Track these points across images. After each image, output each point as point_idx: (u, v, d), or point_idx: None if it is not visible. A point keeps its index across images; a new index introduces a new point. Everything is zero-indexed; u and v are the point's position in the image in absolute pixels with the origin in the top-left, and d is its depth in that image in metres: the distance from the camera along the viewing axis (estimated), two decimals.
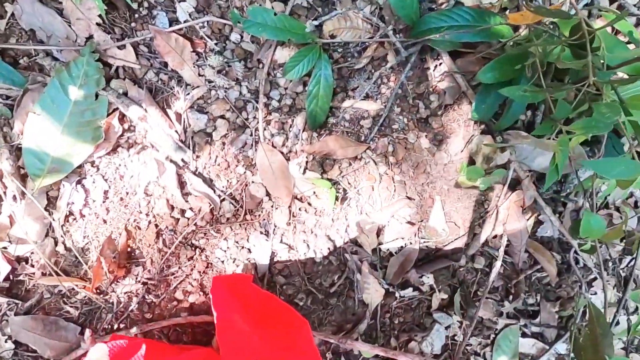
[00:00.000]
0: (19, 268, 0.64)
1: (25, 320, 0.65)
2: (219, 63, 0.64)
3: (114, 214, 0.66)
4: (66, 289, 0.67)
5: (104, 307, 0.68)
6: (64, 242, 0.65)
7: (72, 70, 0.59)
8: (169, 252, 0.67)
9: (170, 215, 0.67)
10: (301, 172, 0.69)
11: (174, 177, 0.66)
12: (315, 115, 0.67)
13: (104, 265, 0.62)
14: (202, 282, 0.70)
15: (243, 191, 0.68)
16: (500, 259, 0.73)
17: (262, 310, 0.65)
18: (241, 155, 0.68)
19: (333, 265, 0.73)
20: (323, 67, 0.62)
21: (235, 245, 0.69)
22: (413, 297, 0.78)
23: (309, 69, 0.62)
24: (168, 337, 0.70)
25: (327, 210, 0.71)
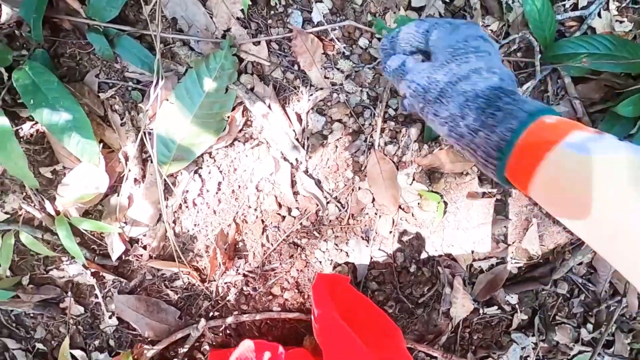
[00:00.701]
0: (131, 249, 0.66)
1: (129, 299, 0.67)
2: (348, 67, 0.64)
3: (224, 205, 0.67)
4: (169, 273, 0.68)
5: (203, 294, 0.69)
6: (174, 228, 0.66)
7: (210, 63, 0.59)
8: (272, 248, 0.68)
9: (277, 213, 0.68)
10: (409, 183, 0.69)
11: (287, 175, 0.66)
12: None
13: (219, 257, 0.63)
14: (298, 280, 0.71)
15: (349, 195, 0.69)
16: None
17: (357, 312, 0.66)
18: (352, 160, 0.68)
19: (425, 277, 0.73)
20: None
21: (335, 247, 0.70)
22: (495, 315, 0.78)
23: None
24: (260, 330, 0.71)
25: (426, 222, 0.71)
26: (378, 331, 0.64)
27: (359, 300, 0.68)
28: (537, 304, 0.80)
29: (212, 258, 0.63)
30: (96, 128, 0.62)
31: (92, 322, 0.68)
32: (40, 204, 0.62)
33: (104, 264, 0.66)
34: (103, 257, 0.66)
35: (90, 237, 0.65)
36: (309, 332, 0.73)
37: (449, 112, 0.35)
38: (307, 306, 0.72)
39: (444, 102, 0.36)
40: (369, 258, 0.70)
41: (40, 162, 0.62)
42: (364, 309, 0.67)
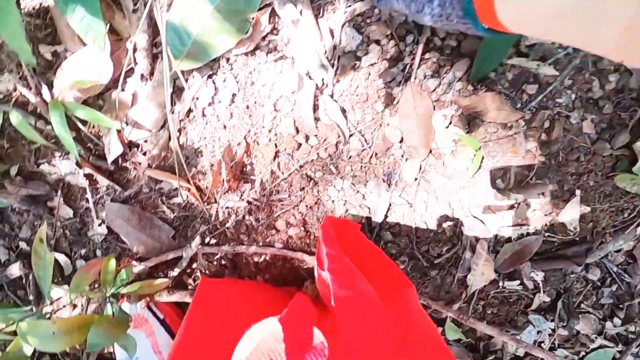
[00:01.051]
0: (129, 154, 0.60)
1: (121, 208, 0.61)
2: None
3: (236, 121, 0.60)
4: (167, 188, 0.62)
5: (201, 216, 0.63)
6: (179, 138, 0.60)
7: None
8: (282, 177, 0.62)
9: (293, 138, 0.61)
10: (445, 125, 0.61)
11: (311, 96, 0.59)
12: (483, 65, 0.58)
13: (224, 172, 0.56)
14: (305, 218, 0.64)
15: (376, 131, 0.61)
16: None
17: (367, 262, 0.59)
18: (385, 90, 0.60)
19: (445, 236, 0.66)
20: None
21: (351, 187, 0.63)
22: (515, 291, 0.71)
23: None
24: (257, 265, 0.66)
25: (457, 174, 0.63)
26: (389, 284, 0.57)
27: (370, 249, 0.61)
28: (563, 287, 0.72)
29: (217, 172, 0.57)
30: (105, 9, 0.55)
31: (81, 228, 0.64)
32: (36, 87, 0.56)
33: (99, 165, 0.60)
34: (98, 158, 0.60)
35: (87, 135, 0.59)
36: (311, 277, 0.67)
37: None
38: (311, 248, 0.65)
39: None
40: (388, 205, 0.63)
41: (40, 40, 0.56)
42: (374, 260, 0.60)
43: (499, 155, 0.64)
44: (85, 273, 0.48)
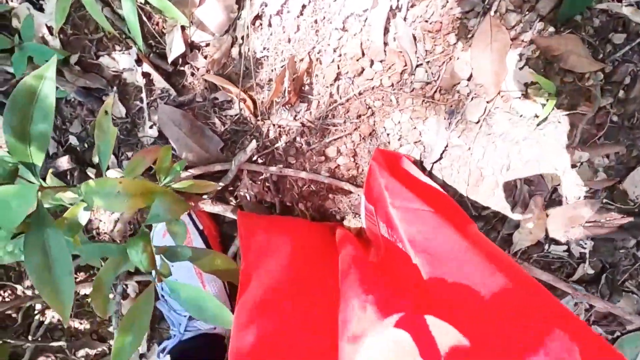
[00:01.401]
0: (190, 55, 0.58)
1: (175, 112, 0.60)
2: None
3: (302, 35, 0.58)
4: (222, 98, 0.61)
5: (251, 132, 0.62)
6: (241, 46, 0.59)
7: None
8: (340, 101, 0.60)
9: (357, 61, 0.58)
10: (519, 66, 0.58)
11: (384, 16, 0.56)
12: (572, 5, 0.54)
13: (287, 81, 0.55)
14: (356, 148, 0.62)
15: (444, 65, 0.58)
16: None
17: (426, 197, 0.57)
18: (460, 22, 0.57)
19: (499, 188, 0.63)
20: None
21: (409, 122, 0.61)
22: (559, 257, 0.68)
23: None
24: (300, 192, 0.64)
25: (523, 122, 0.60)
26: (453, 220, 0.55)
27: (426, 184, 0.59)
28: (610, 261, 0.69)
29: (279, 80, 0.55)
30: None
31: (131, 129, 0.63)
32: None
33: (158, 64, 0.59)
34: (158, 57, 0.59)
35: (150, 30, 0.58)
36: (353, 212, 0.66)
37: None
38: (358, 180, 0.64)
39: None
40: (445, 145, 0.61)
41: None
42: (431, 195, 0.58)
43: (569, 108, 0.61)
44: (142, 158, 0.48)
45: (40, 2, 0.57)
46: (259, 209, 0.65)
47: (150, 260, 0.38)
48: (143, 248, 0.37)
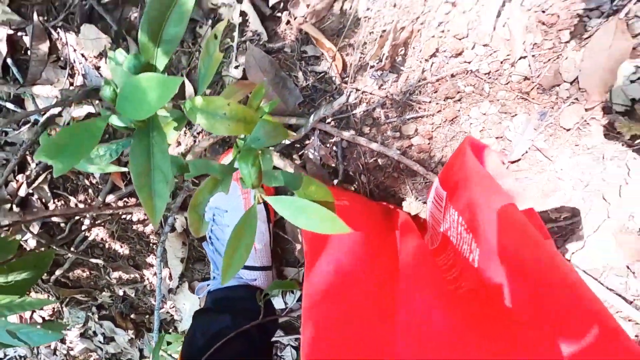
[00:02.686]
0: (292, 2, 0.57)
1: (264, 57, 0.60)
2: None
3: (409, 2, 0.56)
4: (311, 53, 0.60)
5: (331, 93, 0.61)
6: (345, 1, 0.57)
7: None
8: (430, 79, 0.58)
9: (459, 40, 0.56)
10: (630, 79, 0.54)
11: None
12: None
13: (388, 45, 0.53)
14: (435, 132, 0.60)
15: (550, 62, 0.55)
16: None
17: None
18: (580, 19, 0.53)
19: (571, 204, 0.61)
20: None
21: (497, 115, 0.58)
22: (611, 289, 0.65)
23: None
24: (366, 164, 0.63)
25: (615, 140, 0.57)
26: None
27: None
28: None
29: (382, 41, 0.54)
30: None
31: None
32: None
33: (257, 4, 0.58)
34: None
35: None
36: (416, 195, 0.64)
37: None
38: (428, 164, 0.62)
39: None
40: (528, 145, 0.58)
41: None
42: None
43: None
44: (237, 90, 0.48)
45: None
46: (321, 173, 0.65)
47: (259, 174, 0.38)
48: (253, 161, 0.38)
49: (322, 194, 0.42)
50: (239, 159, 0.36)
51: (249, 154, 0.36)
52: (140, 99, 0.29)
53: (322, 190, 0.41)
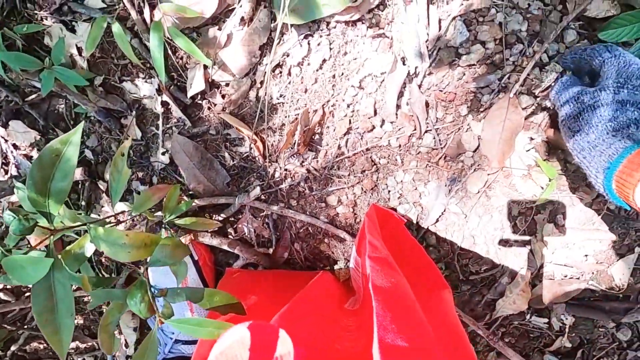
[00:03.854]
0: (209, 93, 0.60)
1: (187, 143, 0.63)
2: None
3: (319, 87, 0.59)
4: (234, 135, 0.63)
5: (258, 171, 0.64)
6: (259, 90, 0.60)
7: None
8: (347, 154, 0.62)
9: (369, 119, 0.60)
10: (526, 148, 0.59)
11: (400, 81, 0.57)
12: None
13: (298, 134, 0.57)
14: (357, 200, 0.64)
15: (453, 134, 0.60)
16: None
17: (406, 257, 0.59)
18: (474, 95, 0.58)
19: (489, 256, 0.65)
20: None
21: (411, 182, 0.62)
22: (539, 327, 0.70)
23: (634, 37, 0.49)
24: (298, 233, 0.66)
25: (521, 199, 0.61)
26: (426, 283, 0.57)
27: (411, 245, 0.61)
28: (588, 338, 0.71)
29: (290, 133, 0.57)
30: None
31: (144, 152, 0.65)
32: (139, 5, 0.57)
33: (177, 97, 0.61)
34: (178, 90, 0.61)
35: (174, 63, 0.60)
36: (346, 259, 0.68)
37: (581, 128, 0.46)
38: (354, 230, 0.66)
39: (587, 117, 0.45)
40: (442, 210, 0.62)
41: None
42: (414, 256, 0.60)
43: (567, 192, 0.62)
44: (152, 195, 0.50)
45: (72, 23, 0.59)
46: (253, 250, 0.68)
47: (148, 308, 0.41)
48: (141, 298, 0.40)
49: (226, 299, 0.45)
50: (128, 296, 0.38)
51: (136, 292, 0.38)
52: (22, 271, 0.31)
53: (226, 297, 0.44)
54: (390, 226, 0.61)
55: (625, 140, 0.41)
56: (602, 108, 0.44)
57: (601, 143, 0.43)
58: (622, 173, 0.40)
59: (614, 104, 0.43)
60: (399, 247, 0.61)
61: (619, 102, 0.43)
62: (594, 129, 0.44)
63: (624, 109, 0.43)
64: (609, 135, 0.42)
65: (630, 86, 0.44)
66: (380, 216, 0.60)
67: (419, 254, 0.60)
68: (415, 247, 0.61)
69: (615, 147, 0.41)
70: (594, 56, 0.49)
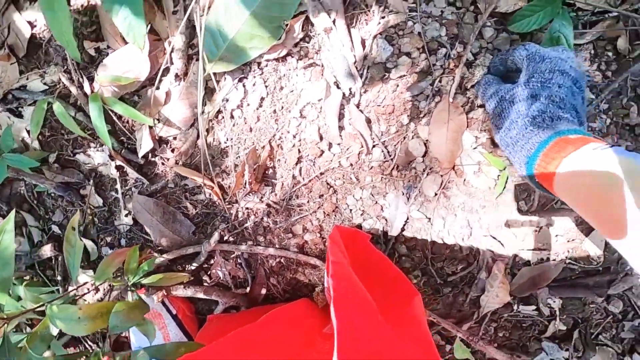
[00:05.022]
0: (159, 149, 0.62)
1: (147, 201, 0.64)
2: None
3: (262, 124, 0.61)
4: (192, 185, 0.64)
5: (221, 215, 0.65)
6: (207, 137, 0.62)
7: None
8: (303, 182, 0.63)
9: (316, 145, 0.62)
10: (472, 146, 0.60)
11: (336, 104, 0.59)
12: None
13: (247, 174, 0.58)
14: (322, 225, 0.65)
15: (399, 144, 0.61)
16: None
17: (373, 271, 0.60)
18: (411, 103, 0.60)
19: (461, 254, 0.65)
20: (562, 27, 0.51)
21: (370, 197, 0.63)
22: (529, 316, 0.69)
23: (541, 25, 0.51)
24: (271, 268, 0.67)
25: (479, 193, 0.62)
26: (394, 294, 0.57)
27: (378, 258, 0.61)
28: (581, 317, 0.70)
29: (239, 174, 0.58)
30: (147, 10, 0.57)
31: (109, 217, 0.67)
32: (79, 81, 0.59)
33: (130, 159, 0.63)
34: (130, 152, 0.63)
35: (121, 128, 0.62)
36: (322, 283, 0.68)
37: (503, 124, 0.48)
38: (324, 256, 0.66)
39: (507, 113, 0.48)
40: (405, 218, 0.63)
41: (86, 36, 0.59)
42: (382, 269, 0.61)
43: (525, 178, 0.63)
44: (111, 261, 0.51)
45: (19, 109, 0.62)
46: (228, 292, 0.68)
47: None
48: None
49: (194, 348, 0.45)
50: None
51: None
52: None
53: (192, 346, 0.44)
54: (357, 244, 0.62)
55: (540, 134, 0.42)
56: (519, 104, 0.46)
57: (521, 138, 0.44)
58: (540, 167, 0.41)
59: (529, 98, 0.45)
60: (368, 262, 0.61)
61: (533, 96, 0.45)
62: (515, 124, 0.46)
63: (538, 102, 0.44)
64: (527, 130, 0.44)
65: (543, 79, 0.45)
66: (345, 236, 0.61)
67: (386, 266, 0.61)
68: (383, 261, 0.61)
69: (532, 141, 0.43)
70: (515, 56, 0.51)
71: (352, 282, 0.49)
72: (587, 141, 0.39)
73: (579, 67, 0.48)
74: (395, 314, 0.53)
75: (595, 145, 0.37)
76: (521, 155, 0.44)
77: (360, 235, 0.62)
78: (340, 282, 0.48)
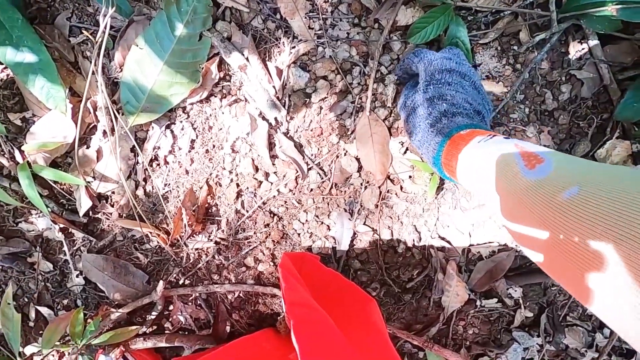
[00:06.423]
0: (99, 206, 0.63)
1: (96, 258, 0.64)
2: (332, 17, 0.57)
3: (197, 165, 0.62)
4: (139, 235, 0.65)
5: (173, 259, 0.65)
6: (145, 187, 0.63)
7: (181, 5, 0.54)
8: (247, 215, 0.64)
9: (253, 177, 0.63)
10: (401, 152, 0.62)
11: (264, 135, 0.61)
12: None
13: (185, 217, 0.59)
14: (274, 253, 0.65)
15: (333, 163, 0.63)
16: None
17: (327, 289, 0.60)
18: (337, 123, 0.62)
19: (415, 259, 0.66)
20: (457, 32, 0.54)
21: (315, 219, 0.64)
22: (494, 309, 0.70)
23: (437, 34, 0.54)
24: (232, 304, 0.67)
25: (418, 198, 0.64)
26: (350, 305, 0.58)
27: (329, 276, 0.62)
28: (545, 301, 0.71)
29: (177, 218, 0.59)
30: (66, 75, 0.59)
31: (61, 280, 0.66)
32: (9, 152, 0.60)
33: (72, 219, 0.63)
34: (71, 213, 0.63)
35: (60, 191, 0.62)
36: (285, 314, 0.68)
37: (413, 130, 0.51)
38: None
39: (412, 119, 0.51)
40: (352, 233, 0.64)
41: (9, 108, 0.60)
42: (334, 285, 0.61)
43: None
44: (55, 327, 0.51)
45: None
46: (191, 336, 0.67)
47: None
48: None
49: None
50: None
51: None
52: None
53: None
54: (308, 267, 0.62)
55: (438, 135, 0.44)
56: (419, 108, 0.48)
57: (426, 140, 0.46)
58: (444, 164, 0.43)
59: (426, 102, 0.47)
60: (320, 281, 0.61)
61: (429, 99, 0.47)
62: (419, 128, 0.48)
63: (434, 104, 0.47)
64: (429, 132, 0.46)
65: (435, 81, 0.48)
66: (295, 261, 0.61)
67: (337, 280, 0.61)
68: (335, 277, 0.62)
69: (434, 142, 0.44)
70: (410, 64, 0.53)
71: (308, 306, 0.50)
72: (475, 134, 0.41)
73: (465, 61, 0.51)
74: (354, 325, 0.53)
75: (480, 138, 0.40)
76: (429, 156, 0.46)
77: (308, 257, 0.62)
78: (297, 308, 0.48)
